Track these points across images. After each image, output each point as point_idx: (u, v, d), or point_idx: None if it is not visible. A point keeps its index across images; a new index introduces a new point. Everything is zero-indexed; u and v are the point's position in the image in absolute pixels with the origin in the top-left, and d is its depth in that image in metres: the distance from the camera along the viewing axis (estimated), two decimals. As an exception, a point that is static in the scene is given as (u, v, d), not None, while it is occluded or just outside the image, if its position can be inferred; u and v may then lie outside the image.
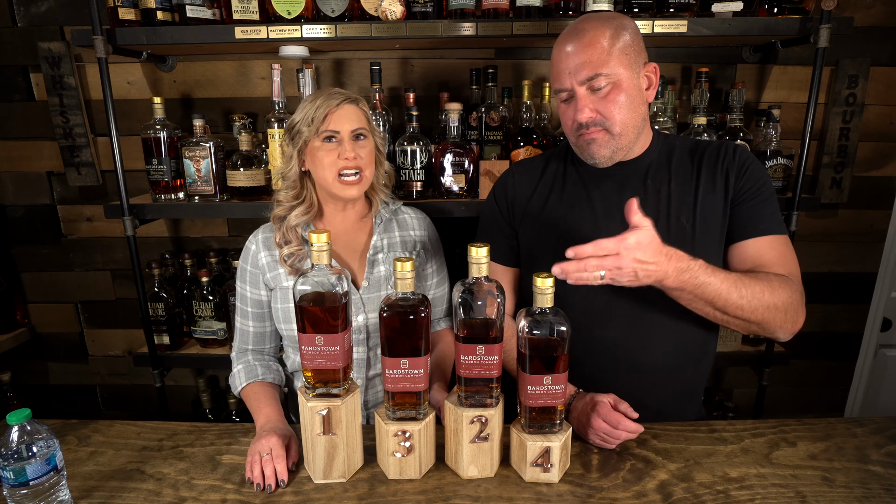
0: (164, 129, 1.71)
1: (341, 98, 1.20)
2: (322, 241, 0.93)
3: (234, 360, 1.32)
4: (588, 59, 1.07)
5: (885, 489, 0.98)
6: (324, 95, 1.21)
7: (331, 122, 1.19)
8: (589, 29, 1.09)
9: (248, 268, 1.29)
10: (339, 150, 1.19)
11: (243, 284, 1.30)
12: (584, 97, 1.10)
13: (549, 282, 0.92)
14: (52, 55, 1.88)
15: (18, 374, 2.17)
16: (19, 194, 2.07)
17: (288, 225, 1.24)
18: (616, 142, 1.12)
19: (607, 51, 1.07)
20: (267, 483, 0.99)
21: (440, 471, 1.04)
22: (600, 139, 1.12)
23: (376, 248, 1.29)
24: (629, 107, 1.10)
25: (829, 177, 1.97)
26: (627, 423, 1.05)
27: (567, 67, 1.10)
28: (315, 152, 1.20)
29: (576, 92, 1.11)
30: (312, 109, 1.19)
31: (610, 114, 1.10)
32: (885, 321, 2.16)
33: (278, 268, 1.26)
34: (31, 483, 0.86)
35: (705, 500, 0.95)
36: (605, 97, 1.09)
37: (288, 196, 1.26)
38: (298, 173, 1.24)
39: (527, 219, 1.26)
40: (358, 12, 1.60)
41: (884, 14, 1.85)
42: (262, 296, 1.29)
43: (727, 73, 1.92)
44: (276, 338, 1.35)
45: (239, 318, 1.32)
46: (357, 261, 1.29)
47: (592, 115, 1.10)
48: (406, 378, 0.97)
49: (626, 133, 1.12)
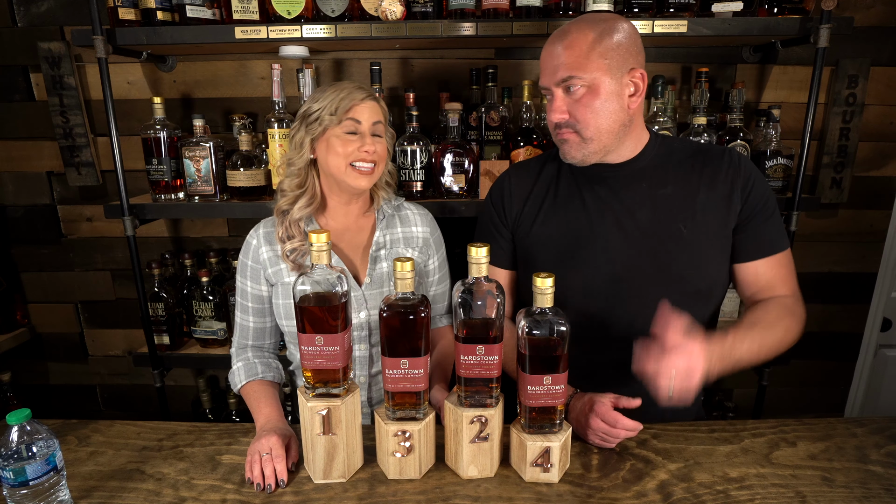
0: (164, 129, 1.71)
1: (365, 94, 1.21)
2: (322, 241, 0.93)
3: (234, 357, 1.31)
4: (565, 61, 1.08)
5: (885, 489, 0.98)
6: (348, 88, 1.20)
7: (355, 112, 1.19)
8: (573, 31, 1.09)
9: (248, 262, 1.29)
10: (360, 142, 1.19)
11: (244, 279, 1.30)
12: (559, 98, 1.11)
13: (548, 282, 0.92)
14: (52, 55, 1.88)
15: (18, 374, 2.17)
16: (19, 194, 2.07)
17: (291, 219, 1.24)
18: (587, 146, 1.12)
19: (585, 55, 1.06)
20: (267, 483, 0.99)
21: (440, 471, 1.04)
22: (571, 140, 1.13)
23: (378, 244, 1.29)
24: (604, 112, 1.09)
25: (829, 177, 1.97)
26: (626, 421, 1.05)
27: (548, 67, 1.12)
28: (332, 140, 1.19)
29: (552, 91, 1.12)
30: (336, 99, 1.18)
31: (582, 117, 1.10)
32: (885, 321, 2.16)
33: (280, 263, 1.26)
34: (30, 483, 0.86)
35: (705, 500, 0.95)
36: (578, 101, 1.09)
37: (292, 185, 1.24)
38: (307, 161, 1.23)
39: (523, 221, 1.26)
40: (358, 12, 1.60)
41: (884, 14, 1.85)
42: (262, 291, 1.29)
43: (727, 73, 1.92)
44: (276, 334, 1.35)
45: (239, 314, 1.32)
46: (359, 257, 1.29)
47: (563, 117, 1.11)
48: (406, 378, 0.97)
49: (598, 138, 1.12)
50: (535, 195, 1.26)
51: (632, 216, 1.17)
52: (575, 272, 1.18)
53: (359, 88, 1.21)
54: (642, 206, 1.17)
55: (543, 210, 1.24)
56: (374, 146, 1.20)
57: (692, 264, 1.15)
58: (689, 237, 1.14)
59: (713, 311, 1.24)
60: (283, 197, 1.25)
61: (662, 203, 1.16)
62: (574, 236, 1.19)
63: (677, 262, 1.15)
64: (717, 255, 1.17)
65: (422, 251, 1.34)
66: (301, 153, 1.22)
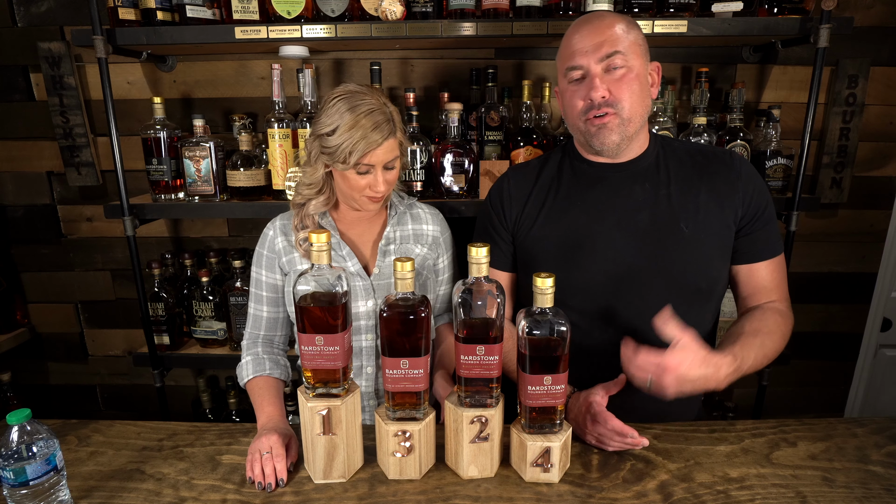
0: (164, 129, 1.71)
1: (382, 137, 1.14)
2: (322, 241, 0.93)
3: (244, 350, 1.32)
4: (608, 38, 1.10)
5: (886, 489, 0.98)
6: (365, 126, 1.12)
7: (369, 158, 1.16)
8: (606, 16, 1.14)
9: (264, 252, 1.31)
10: (370, 180, 1.19)
11: (259, 269, 1.31)
12: (599, 76, 1.10)
13: (549, 282, 0.92)
14: (52, 55, 1.88)
15: (18, 374, 2.17)
16: (19, 194, 2.07)
17: (306, 212, 1.27)
18: (626, 127, 1.12)
19: (625, 36, 1.10)
20: (267, 482, 0.99)
21: (440, 471, 1.04)
22: (611, 123, 1.12)
23: (389, 238, 1.31)
24: (639, 96, 1.12)
25: (829, 177, 1.97)
26: (615, 423, 1.05)
27: (584, 47, 1.11)
28: (345, 174, 1.19)
29: (590, 70, 1.11)
30: (351, 142, 1.12)
31: (623, 96, 1.10)
32: (885, 321, 2.16)
33: (294, 251, 1.29)
34: (31, 483, 0.86)
35: (705, 501, 0.95)
36: (620, 79, 1.10)
37: (311, 192, 1.27)
38: (322, 174, 1.24)
39: (524, 223, 1.26)
40: (358, 12, 1.60)
41: (884, 14, 1.85)
42: (277, 280, 1.31)
43: (727, 73, 1.92)
44: (287, 326, 1.36)
45: (253, 304, 1.33)
46: (370, 249, 1.32)
47: (606, 95, 1.10)
48: (406, 378, 0.97)
49: (634, 119, 1.12)
50: (536, 196, 1.26)
51: (633, 216, 1.17)
52: (576, 272, 1.18)
53: (376, 128, 1.13)
54: (644, 207, 1.17)
55: (544, 211, 1.23)
56: (385, 184, 1.20)
57: (693, 264, 1.15)
58: (691, 236, 1.15)
59: (714, 310, 1.24)
60: (298, 194, 1.28)
61: (664, 203, 1.17)
62: (575, 236, 1.19)
63: (678, 262, 1.15)
64: (717, 254, 1.17)
65: (431, 248, 1.35)
66: (315, 170, 1.23)
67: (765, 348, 1.11)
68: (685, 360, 0.96)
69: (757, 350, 1.09)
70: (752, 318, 1.16)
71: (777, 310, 1.19)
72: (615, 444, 1.07)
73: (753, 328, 1.13)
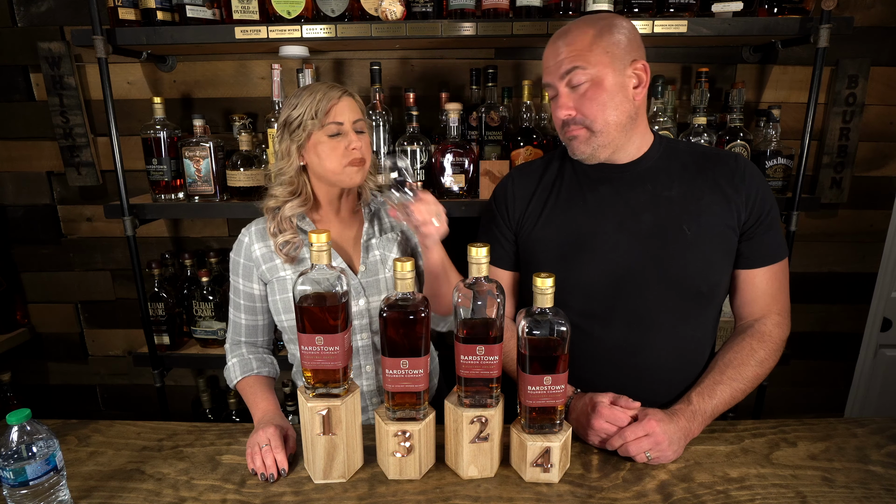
0: (164, 129, 1.71)
1: (340, 91, 1.21)
2: (322, 241, 0.93)
3: (228, 353, 1.32)
4: (567, 54, 1.10)
5: (886, 489, 0.98)
6: (322, 88, 1.20)
7: (335, 114, 1.19)
8: (573, 28, 1.12)
9: (241, 260, 1.29)
10: (345, 141, 1.20)
11: (236, 277, 1.30)
12: (565, 94, 1.12)
13: (549, 282, 0.92)
14: (52, 55, 1.88)
15: (18, 374, 2.17)
16: (19, 194, 2.07)
17: (283, 215, 1.25)
18: (597, 139, 1.13)
19: (588, 47, 1.09)
20: (269, 472, 1.01)
21: (440, 471, 1.04)
22: (581, 136, 1.14)
23: (369, 234, 1.32)
24: (611, 105, 1.10)
25: (829, 177, 1.97)
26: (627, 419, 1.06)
27: (548, 65, 1.14)
28: (319, 147, 1.19)
29: (557, 88, 1.13)
30: (314, 102, 1.18)
31: (589, 111, 1.11)
32: (885, 321, 2.16)
33: (274, 258, 1.26)
34: (30, 483, 0.86)
35: (705, 501, 0.95)
36: (584, 95, 1.10)
37: (284, 193, 1.25)
38: (297, 168, 1.24)
39: (526, 222, 1.26)
40: (358, 12, 1.60)
41: (884, 14, 1.85)
42: (254, 289, 1.29)
43: (727, 73, 1.92)
44: (268, 332, 1.36)
45: (232, 310, 1.33)
46: (352, 248, 1.31)
47: (570, 113, 1.12)
48: (406, 378, 0.97)
49: (607, 131, 1.12)
50: (539, 196, 1.26)
51: (635, 217, 1.16)
52: (577, 273, 1.18)
53: (332, 87, 1.20)
54: (646, 208, 1.17)
55: (547, 211, 1.23)
56: (359, 142, 1.21)
57: (695, 266, 1.15)
58: (693, 239, 1.14)
59: (715, 314, 1.23)
60: (272, 198, 1.26)
61: (666, 205, 1.16)
62: (577, 237, 1.19)
63: (680, 264, 1.14)
64: (720, 257, 1.17)
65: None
66: (290, 161, 1.22)
67: (734, 383, 1.15)
68: (653, 434, 1.03)
69: (723, 389, 1.14)
70: (724, 351, 1.20)
71: (754, 335, 1.18)
72: (615, 439, 1.06)
73: (723, 362, 1.17)
